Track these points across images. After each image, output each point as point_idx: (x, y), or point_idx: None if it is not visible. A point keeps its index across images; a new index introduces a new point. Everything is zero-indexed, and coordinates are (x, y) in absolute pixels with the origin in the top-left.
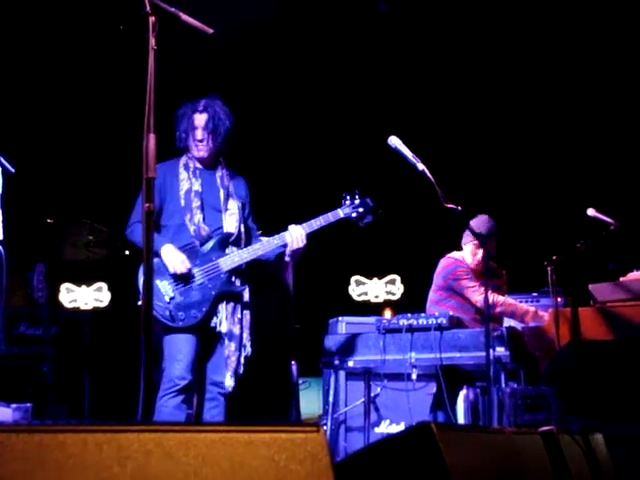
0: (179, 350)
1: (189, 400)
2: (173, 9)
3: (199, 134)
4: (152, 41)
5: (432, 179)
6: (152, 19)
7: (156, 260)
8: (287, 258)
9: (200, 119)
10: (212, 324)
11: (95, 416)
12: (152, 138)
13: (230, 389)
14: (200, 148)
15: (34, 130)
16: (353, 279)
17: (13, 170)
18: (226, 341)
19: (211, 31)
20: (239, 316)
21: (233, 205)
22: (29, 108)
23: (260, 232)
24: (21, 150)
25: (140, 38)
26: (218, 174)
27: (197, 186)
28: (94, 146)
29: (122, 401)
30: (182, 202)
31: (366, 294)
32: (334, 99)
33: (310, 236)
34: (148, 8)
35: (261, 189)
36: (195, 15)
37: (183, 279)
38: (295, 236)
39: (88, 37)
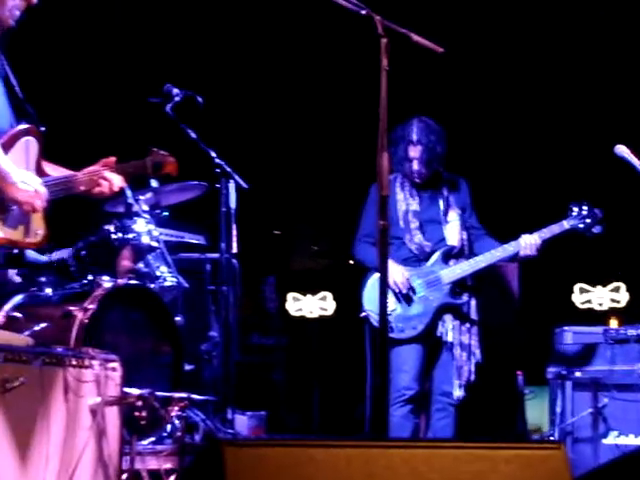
0: (404, 361)
1: (416, 410)
2: (404, 30)
3: (415, 165)
4: (384, 62)
5: None
6: (384, 41)
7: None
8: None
9: (415, 151)
10: (438, 334)
11: (324, 424)
12: (385, 157)
13: (459, 399)
14: (416, 176)
15: (261, 146)
16: (577, 287)
17: (246, 186)
18: (457, 350)
19: (441, 50)
20: (467, 325)
21: (453, 215)
22: (257, 125)
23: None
24: (249, 164)
25: (371, 59)
26: (436, 186)
27: (415, 205)
28: (318, 160)
29: (350, 409)
30: (401, 223)
31: (590, 302)
32: (560, 107)
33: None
34: (380, 30)
35: (487, 199)
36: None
37: (405, 297)
38: (529, 243)
39: (319, 57)
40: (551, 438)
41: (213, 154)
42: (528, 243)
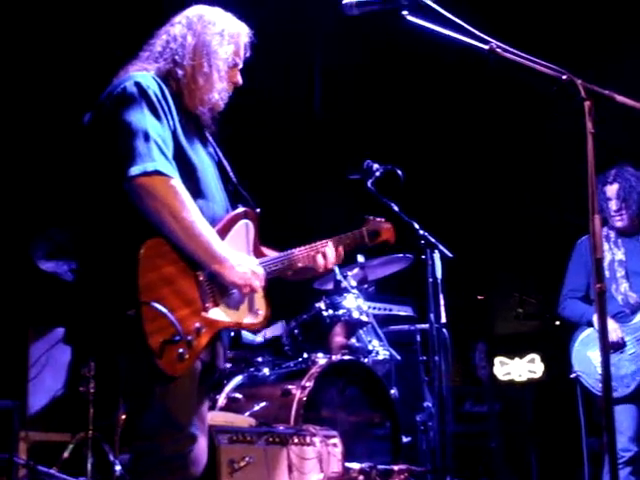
0: (620, 422)
1: (637, 471)
2: (607, 91)
3: (613, 205)
4: (589, 125)
5: None
6: (587, 104)
7: (590, 331)
8: None
9: (611, 190)
10: None
11: None
12: (597, 219)
13: None
14: (617, 219)
15: (461, 213)
16: None
17: (451, 255)
18: None
19: None
20: None
21: None
22: (456, 192)
23: None
24: (447, 231)
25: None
26: None
27: (620, 255)
28: (519, 223)
29: (569, 473)
30: (607, 273)
31: None
32: None
33: None
34: (583, 93)
35: None
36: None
37: (616, 349)
38: None
39: (513, 124)
40: None
41: (416, 226)
42: None
